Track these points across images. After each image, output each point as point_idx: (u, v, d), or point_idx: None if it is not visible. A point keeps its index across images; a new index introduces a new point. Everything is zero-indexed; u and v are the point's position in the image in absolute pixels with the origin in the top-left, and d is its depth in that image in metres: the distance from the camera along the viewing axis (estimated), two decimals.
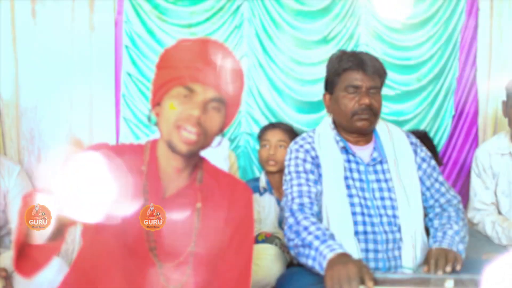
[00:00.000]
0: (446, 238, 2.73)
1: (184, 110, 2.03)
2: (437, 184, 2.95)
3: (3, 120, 4.12)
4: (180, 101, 2.05)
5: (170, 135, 2.05)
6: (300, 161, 2.91)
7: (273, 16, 4.30)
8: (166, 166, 2.17)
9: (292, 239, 2.68)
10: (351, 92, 2.87)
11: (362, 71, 2.87)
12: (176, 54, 2.09)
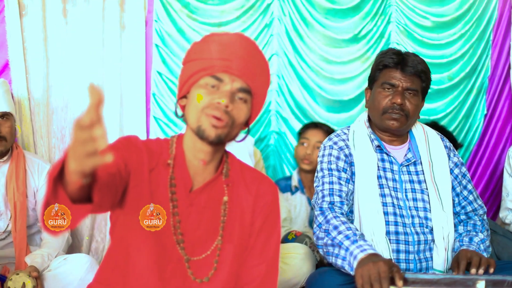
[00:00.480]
0: (472, 244, 2.76)
1: (212, 99, 2.09)
2: (465, 191, 2.97)
3: (34, 119, 4.20)
4: (208, 91, 2.11)
5: (199, 121, 2.11)
6: (333, 158, 2.93)
7: (303, 14, 4.33)
8: (192, 159, 2.22)
9: (322, 238, 2.72)
10: (387, 90, 2.90)
11: (401, 70, 2.90)
12: (204, 46, 2.17)
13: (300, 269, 3.41)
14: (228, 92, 2.09)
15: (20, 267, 3.45)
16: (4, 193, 3.63)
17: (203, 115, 2.09)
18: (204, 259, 2.19)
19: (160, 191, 2.18)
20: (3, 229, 3.62)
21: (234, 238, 2.23)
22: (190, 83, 2.17)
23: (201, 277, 2.18)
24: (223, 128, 2.09)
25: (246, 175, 2.34)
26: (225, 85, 2.09)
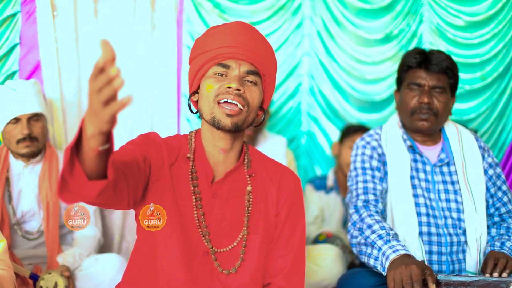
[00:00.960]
0: (504, 249, 2.76)
1: (222, 85, 2.17)
2: (500, 192, 2.98)
3: (66, 119, 4.27)
4: (217, 79, 2.19)
5: (213, 112, 2.18)
6: (367, 157, 2.99)
7: (334, 14, 4.38)
8: (212, 150, 2.28)
9: (356, 237, 2.77)
10: (413, 90, 2.96)
11: (425, 69, 2.95)
12: (207, 39, 2.26)
13: (331, 270, 3.48)
14: (237, 77, 2.17)
15: (52, 267, 3.53)
16: (37, 193, 3.70)
17: (215, 105, 2.16)
18: (231, 250, 2.24)
19: (182, 185, 2.23)
20: (35, 228, 3.70)
21: (259, 229, 2.28)
22: (199, 76, 2.24)
23: (228, 268, 2.23)
24: (238, 116, 2.16)
25: (267, 166, 2.39)
26: (233, 70, 2.18)
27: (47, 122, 3.78)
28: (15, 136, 3.58)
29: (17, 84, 3.72)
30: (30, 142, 3.58)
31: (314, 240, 3.94)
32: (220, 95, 2.16)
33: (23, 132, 3.56)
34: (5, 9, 4.14)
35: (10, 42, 4.17)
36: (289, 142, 4.48)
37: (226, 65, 2.19)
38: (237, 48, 2.18)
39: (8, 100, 3.62)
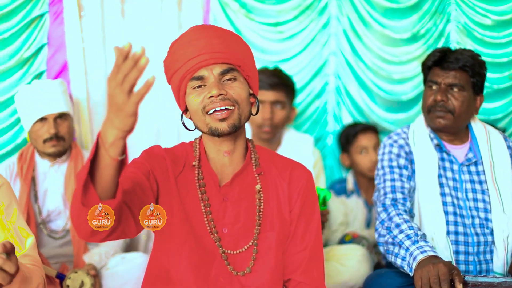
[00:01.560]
0: None
1: (204, 96, 2.21)
2: None
3: (92, 119, 4.36)
4: (198, 92, 2.23)
5: (207, 123, 2.23)
6: (394, 156, 3.05)
7: (361, 13, 4.41)
8: (216, 154, 2.34)
9: (383, 235, 2.82)
10: (431, 88, 3.03)
11: (441, 67, 3.01)
12: (171, 58, 2.30)
13: (357, 270, 3.52)
14: (214, 83, 2.20)
15: (78, 265, 3.62)
16: (63, 192, 3.80)
17: (206, 117, 2.21)
18: (246, 251, 2.30)
19: (190, 194, 2.30)
20: (61, 227, 3.81)
21: (274, 226, 2.33)
22: (181, 96, 2.29)
23: (243, 270, 2.29)
24: (231, 116, 2.21)
25: (277, 162, 2.44)
26: (207, 78, 2.22)
27: (73, 122, 3.86)
28: (41, 135, 3.66)
29: (44, 84, 3.80)
30: (56, 141, 3.67)
31: (340, 241, 3.98)
32: (206, 106, 2.21)
33: (49, 132, 3.65)
34: (33, 9, 4.22)
35: (38, 43, 4.25)
36: (315, 142, 4.50)
37: (199, 76, 2.23)
38: (201, 56, 2.21)
39: (34, 99, 3.70)
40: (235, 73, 2.26)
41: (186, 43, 2.26)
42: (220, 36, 2.29)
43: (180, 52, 2.26)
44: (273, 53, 4.53)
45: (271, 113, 3.92)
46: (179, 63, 2.25)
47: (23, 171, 3.79)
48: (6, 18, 4.22)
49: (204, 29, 2.33)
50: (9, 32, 4.21)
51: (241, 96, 2.25)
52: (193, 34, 2.28)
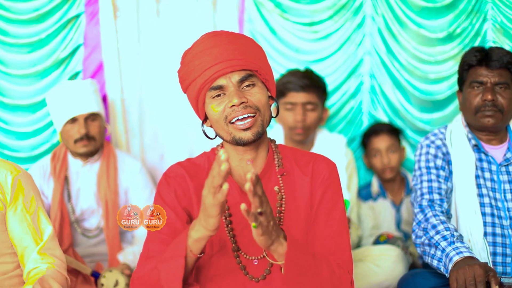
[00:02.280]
0: None
1: (225, 105, 2.24)
2: None
3: (127, 119, 4.48)
4: (218, 101, 2.26)
5: (230, 133, 2.26)
6: (431, 156, 3.08)
7: (396, 13, 4.44)
8: (239, 162, 2.38)
9: (420, 237, 2.86)
10: (476, 88, 3.03)
11: (486, 66, 3.03)
12: (186, 69, 2.33)
13: (392, 271, 3.56)
14: (234, 91, 2.23)
15: (113, 264, 3.73)
16: (96, 191, 3.90)
17: (229, 126, 2.25)
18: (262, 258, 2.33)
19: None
20: (94, 226, 3.93)
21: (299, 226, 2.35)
22: (200, 106, 2.32)
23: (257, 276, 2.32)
24: (255, 124, 2.25)
25: (299, 160, 2.45)
26: (227, 87, 2.25)
27: (104, 121, 3.93)
28: (72, 136, 3.76)
29: (74, 84, 3.89)
30: (87, 141, 3.76)
31: (375, 241, 4.02)
32: (229, 116, 2.24)
33: (80, 132, 3.75)
34: (69, 10, 4.35)
35: (74, 43, 4.39)
36: (350, 142, 4.57)
37: (218, 86, 2.24)
38: (218, 65, 2.22)
39: (65, 100, 3.79)
40: (253, 78, 2.29)
41: (200, 52, 2.28)
42: (234, 41, 2.29)
43: (195, 62, 2.28)
44: (307, 53, 4.58)
45: (303, 115, 3.98)
46: (196, 73, 2.27)
47: (56, 170, 3.89)
48: (43, 18, 4.35)
49: (217, 36, 2.32)
50: (46, 33, 4.34)
51: (261, 101, 2.28)
52: (207, 42, 2.29)
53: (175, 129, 4.53)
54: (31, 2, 4.33)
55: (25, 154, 4.44)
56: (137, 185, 3.99)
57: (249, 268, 2.33)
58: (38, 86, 4.39)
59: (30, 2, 4.33)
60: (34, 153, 4.43)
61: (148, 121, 4.55)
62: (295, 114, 3.98)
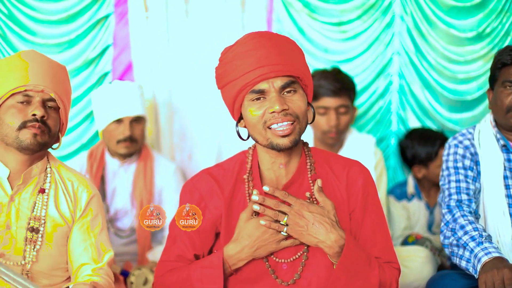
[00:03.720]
0: None
1: (265, 110, 2.27)
2: None
3: (157, 119, 4.59)
4: (257, 105, 2.28)
5: (267, 138, 2.29)
6: (459, 157, 3.11)
7: (425, 12, 4.52)
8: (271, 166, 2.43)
9: (448, 237, 2.90)
10: (508, 87, 3.04)
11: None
12: (227, 67, 2.34)
13: (420, 272, 3.64)
14: (276, 97, 2.24)
15: (142, 263, 3.84)
16: (131, 192, 4.02)
17: (267, 131, 2.28)
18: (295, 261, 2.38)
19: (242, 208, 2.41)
20: (127, 226, 4.05)
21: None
22: (237, 107, 2.34)
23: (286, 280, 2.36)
24: (293, 132, 2.26)
25: (332, 164, 2.46)
26: (269, 92, 2.27)
27: (147, 125, 4.05)
28: (116, 136, 3.87)
29: (123, 86, 4.00)
30: (130, 143, 3.88)
31: (404, 242, 4.10)
32: (268, 121, 2.25)
33: (124, 133, 3.86)
34: (98, 10, 4.47)
35: (103, 43, 4.51)
36: (378, 142, 4.63)
37: (259, 90, 2.26)
38: (261, 69, 2.23)
39: (113, 100, 3.91)
40: (295, 85, 2.29)
41: (243, 53, 2.27)
42: (278, 45, 2.29)
43: (237, 62, 2.28)
44: (336, 53, 4.67)
45: (337, 119, 4.00)
46: (236, 74, 2.27)
47: (93, 169, 4.02)
48: (73, 19, 4.48)
49: (262, 37, 2.31)
50: (76, 33, 4.48)
51: (301, 109, 2.28)
52: (251, 43, 2.28)
53: (204, 129, 4.63)
54: (61, 3, 4.45)
55: (54, 153, 4.42)
56: (170, 187, 4.10)
57: (278, 272, 2.37)
58: None
59: (60, 2, 4.45)
60: (64, 153, 4.54)
61: (177, 121, 4.65)
62: (328, 119, 4.01)
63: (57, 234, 2.59)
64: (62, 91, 2.59)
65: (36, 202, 2.57)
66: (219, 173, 2.50)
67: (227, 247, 2.36)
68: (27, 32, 4.44)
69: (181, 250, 2.47)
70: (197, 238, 2.46)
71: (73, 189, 2.64)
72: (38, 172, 2.60)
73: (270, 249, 2.32)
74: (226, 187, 2.46)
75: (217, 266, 2.33)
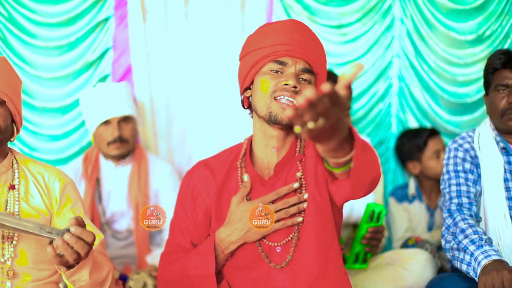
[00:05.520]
0: None
1: (279, 82, 2.38)
2: None
3: (155, 121, 4.63)
4: (273, 76, 2.41)
5: (269, 107, 2.39)
6: (459, 160, 3.15)
7: (425, 15, 4.57)
8: (264, 149, 2.53)
9: (449, 241, 2.95)
10: (502, 91, 3.09)
11: (510, 69, 3.09)
12: (260, 37, 2.48)
13: (420, 275, 3.61)
14: (293, 74, 2.36)
15: (141, 266, 3.87)
16: (127, 193, 4.05)
17: (272, 101, 2.38)
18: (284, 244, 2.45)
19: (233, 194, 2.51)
20: (124, 228, 4.08)
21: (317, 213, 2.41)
22: (253, 72, 2.46)
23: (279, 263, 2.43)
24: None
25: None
26: (289, 67, 2.40)
27: (137, 124, 4.10)
28: (106, 138, 3.91)
29: (108, 87, 4.05)
30: (120, 144, 3.92)
31: (404, 245, 4.13)
32: (277, 91, 2.36)
33: (113, 134, 3.90)
34: (98, 13, 4.53)
35: (103, 46, 4.56)
36: (378, 145, 4.70)
37: (283, 62, 2.39)
38: (292, 46, 2.37)
39: (99, 102, 3.94)
40: (311, 76, 2.42)
41: (280, 30, 2.42)
42: (314, 39, 2.47)
43: (272, 34, 2.42)
44: (336, 56, 4.72)
45: None
46: (268, 43, 2.41)
47: (88, 172, 4.06)
48: (72, 21, 4.54)
49: (302, 26, 2.48)
50: (75, 36, 4.53)
51: None
52: (291, 25, 2.45)
53: (203, 132, 4.68)
54: (61, 5, 4.51)
55: (54, 156, 4.61)
56: (167, 188, 4.13)
57: (272, 256, 2.44)
58: (67, 89, 4.57)
59: (60, 5, 4.51)
60: (63, 156, 4.60)
61: (177, 124, 4.69)
62: None
63: None
64: (3, 83, 2.53)
65: (8, 199, 2.57)
66: (214, 163, 2.63)
67: (218, 231, 2.48)
68: (27, 34, 4.50)
69: (178, 239, 2.61)
70: (192, 227, 2.58)
71: (45, 182, 2.65)
72: (5, 170, 2.61)
73: (262, 231, 2.40)
74: (219, 175, 2.58)
75: (209, 251, 2.43)
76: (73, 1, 4.49)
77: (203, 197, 2.57)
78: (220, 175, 2.56)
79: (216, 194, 2.55)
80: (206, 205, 2.57)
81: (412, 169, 4.57)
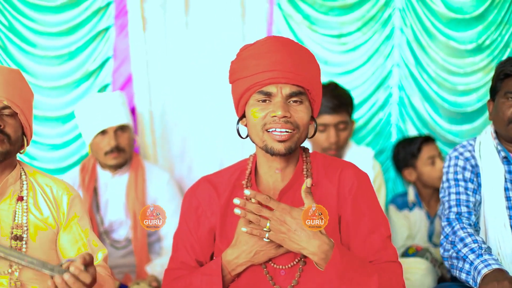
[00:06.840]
0: None
1: (268, 113, 2.34)
2: None
3: (154, 130, 4.66)
4: (261, 107, 2.35)
5: (263, 140, 2.36)
6: (460, 168, 3.16)
7: (425, 24, 4.61)
8: (268, 170, 2.50)
9: (448, 250, 2.96)
10: (510, 99, 3.07)
11: None
12: (241, 64, 2.42)
13: (421, 284, 3.66)
14: (281, 102, 2.29)
15: (141, 276, 3.91)
16: (124, 202, 4.09)
17: (265, 134, 2.35)
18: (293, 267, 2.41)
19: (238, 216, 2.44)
20: (123, 237, 4.12)
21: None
22: (242, 104, 2.43)
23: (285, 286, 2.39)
24: (290, 139, 2.31)
25: (328, 169, 2.50)
26: (275, 96, 2.34)
27: (133, 133, 4.13)
28: (102, 148, 3.96)
29: (103, 97, 4.09)
30: (117, 153, 3.97)
31: (404, 254, 4.15)
32: (267, 124, 2.31)
33: (110, 144, 3.95)
34: (98, 23, 4.58)
35: (103, 55, 4.61)
36: (378, 154, 4.73)
37: (267, 92, 2.32)
38: (273, 72, 2.29)
39: (94, 113, 3.98)
40: (302, 96, 2.35)
41: (260, 54, 2.34)
42: (295, 54, 2.35)
43: (252, 61, 2.34)
44: (336, 65, 4.76)
45: (336, 136, 4.07)
46: (249, 72, 2.33)
47: (85, 182, 4.11)
48: (73, 31, 4.58)
49: (281, 43, 2.37)
50: (76, 45, 4.58)
51: (303, 120, 2.34)
52: (270, 45, 2.35)
53: (204, 141, 4.71)
54: (61, 15, 4.55)
55: (54, 165, 4.65)
56: (164, 197, 4.16)
57: (276, 278, 2.41)
58: (67, 98, 4.60)
59: (60, 14, 4.55)
60: (63, 165, 4.64)
61: (177, 133, 4.72)
62: (328, 136, 4.07)
63: (40, 238, 2.63)
64: (16, 95, 2.57)
65: (16, 210, 2.60)
66: (217, 180, 2.61)
67: (225, 253, 2.45)
68: (27, 44, 4.54)
69: (183, 257, 2.60)
70: (197, 245, 2.58)
71: (53, 194, 2.69)
72: (14, 181, 2.65)
73: (269, 254, 2.39)
74: (224, 193, 2.56)
75: (216, 272, 2.42)
76: (74, 10, 4.54)
77: (207, 215, 2.56)
78: (224, 194, 2.54)
79: (220, 214, 2.54)
80: (211, 223, 2.57)
81: (408, 176, 4.62)
